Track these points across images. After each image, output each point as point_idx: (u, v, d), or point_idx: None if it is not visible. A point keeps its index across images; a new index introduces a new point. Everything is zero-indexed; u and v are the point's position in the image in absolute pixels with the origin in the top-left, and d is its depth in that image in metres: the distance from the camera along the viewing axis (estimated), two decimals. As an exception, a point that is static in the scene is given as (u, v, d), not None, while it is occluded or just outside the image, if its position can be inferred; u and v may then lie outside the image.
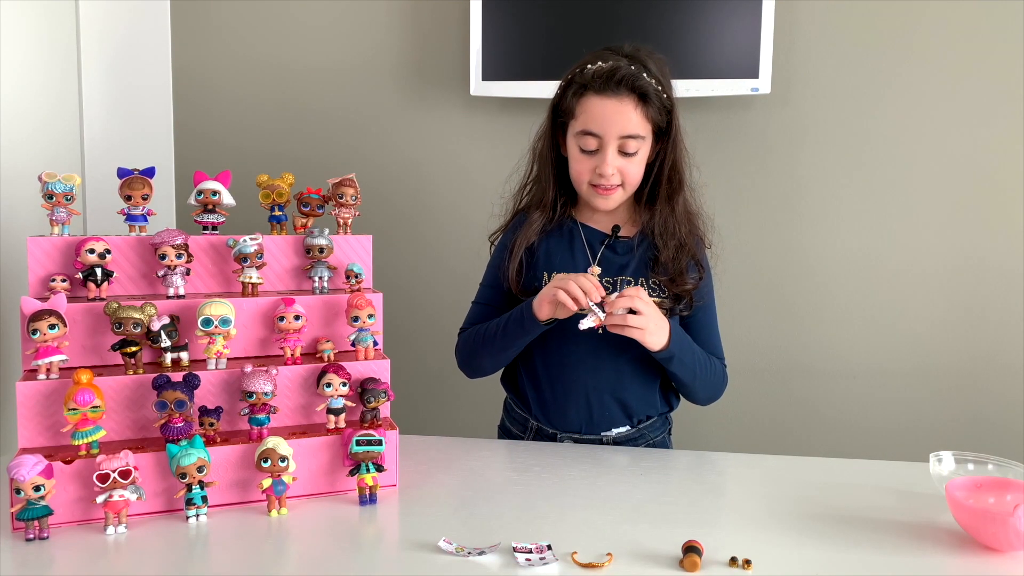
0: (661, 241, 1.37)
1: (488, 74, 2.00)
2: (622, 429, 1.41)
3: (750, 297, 2.10)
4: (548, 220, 1.41)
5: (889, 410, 2.07)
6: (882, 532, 1.04)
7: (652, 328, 1.25)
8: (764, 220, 2.07)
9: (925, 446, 1.34)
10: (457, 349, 1.48)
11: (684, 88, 1.92)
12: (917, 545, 1.00)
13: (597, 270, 1.34)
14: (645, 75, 1.28)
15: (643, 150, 1.33)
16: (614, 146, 1.30)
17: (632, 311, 1.24)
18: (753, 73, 1.90)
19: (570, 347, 1.38)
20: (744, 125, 2.04)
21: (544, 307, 1.28)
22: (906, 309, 2.04)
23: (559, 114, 1.36)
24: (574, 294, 1.23)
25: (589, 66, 1.30)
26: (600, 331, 1.30)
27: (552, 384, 1.41)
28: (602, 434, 1.41)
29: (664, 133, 1.35)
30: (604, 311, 1.24)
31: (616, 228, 1.41)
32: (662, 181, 1.37)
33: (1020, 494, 1.04)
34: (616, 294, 1.25)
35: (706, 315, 1.43)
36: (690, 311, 1.39)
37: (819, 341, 2.08)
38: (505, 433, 1.52)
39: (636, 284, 1.36)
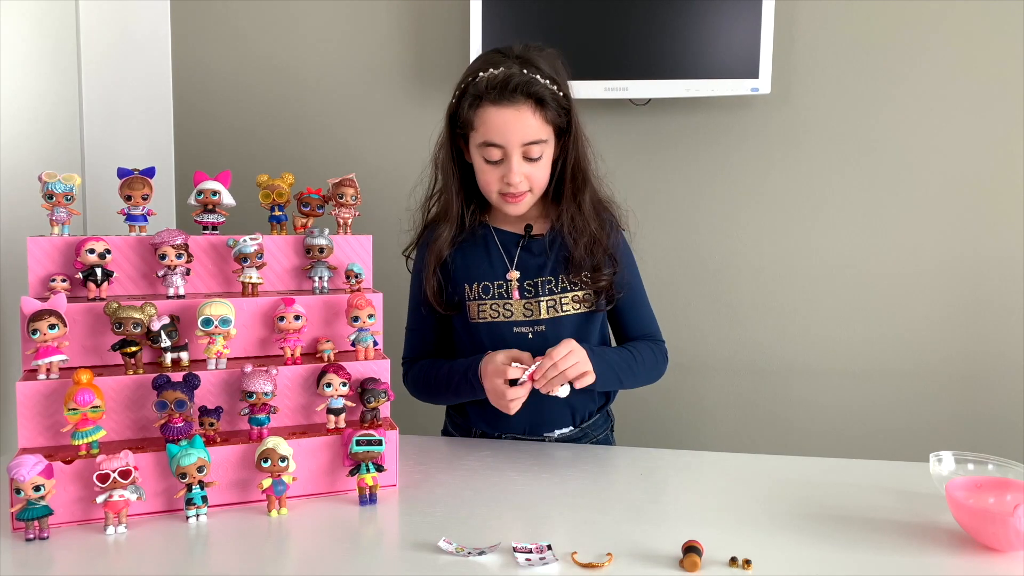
0: (571, 239, 1.35)
1: (488, 74, 2.00)
2: (565, 430, 1.41)
3: (749, 297, 2.10)
4: (458, 231, 1.39)
5: (889, 410, 2.07)
6: (882, 532, 1.04)
7: (583, 368, 1.25)
8: (764, 220, 2.07)
9: (925, 446, 1.34)
10: (407, 382, 1.46)
11: (684, 88, 1.92)
12: (917, 545, 1.00)
13: (515, 275, 1.33)
14: (539, 77, 1.26)
15: (547, 153, 1.31)
16: (518, 154, 1.28)
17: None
18: (753, 73, 1.90)
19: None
20: (744, 125, 2.04)
21: (496, 405, 1.28)
22: (906, 309, 2.04)
23: (457, 125, 1.33)
24: (514, 409, 1.25)
25: (481, 74, 1.27)
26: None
27: None
28: (545, 435, 1.41)
29: (565, 131, 1.33)
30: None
31: (528, 228, 1.39)
32: (566, 180, 1.35)
33: (1020, 494, 1.04)
34: (539, 367, 1.23)
35: (633, 296, 1.42)
36: (612, 303, 1.39)
37: (819, 341, 2.08)
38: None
39: (555, 282, 1.35)
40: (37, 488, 0.99)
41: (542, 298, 1.35)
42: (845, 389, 2.08)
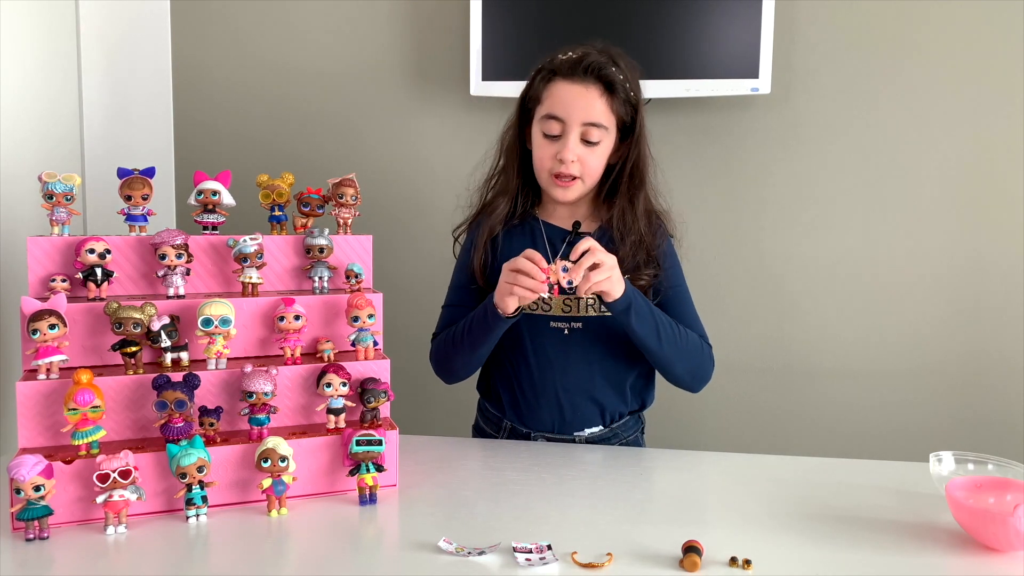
0: (619, 235, 1.35)
1: (488, 74, 2.00)
2: (595, 429, 1.41)
3: (750, 297, 2.10)
4: (512, 211, 1.40)
5: (889, 410, 2.07)
6: (882, 532, 1.04)
7: (616, 277, 1.23)
8: (763, 220, 2.07)
9: (925, 446, 1.34)
10: (431, 356, 1.46)
11: (684, 88, 1.92)
12: (917, 545, 1.00)
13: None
14: (614, 68, 1.29)
15: (605, 142, 1.32)
16: (576, 132, 1.29)
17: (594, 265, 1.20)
18: (753, 73, 1.90)
19: (538, 349, 1.38)
20: (744, 125, 2.04)
21: (506, 302, 1.25)
22: (906, 309, 2.04)
23: (527, 102, 1.36)
24: (528, 286, 1.20)
25: (560, 56, 1.32)
26: (569, 286, 1.23)
27: (523, 386, 1.41)
28: (575, 434, 1.41)
29: (629, 131, 1.35)
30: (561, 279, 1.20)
31: (577, 224, 1.39)
32: (623, 178, 1.36)
33: (1020, 494, 1.04)
34: (569, 262, 1.20)
35: (678, 294, 1.40)
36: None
37: (819, 341, 2.08)
38: (479, 433, 1.52)
39: None
40: (37, 488, 0.99)
41: (583, 296, 1.35)
42: (845, 389, 2.08)
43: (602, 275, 1.20)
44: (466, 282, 1.43)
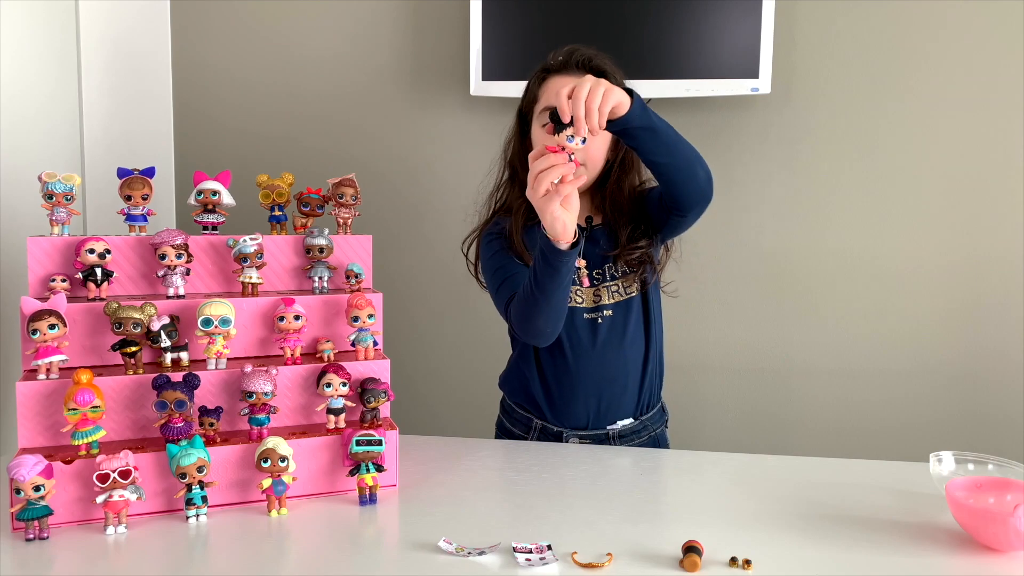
0: (613, 218, 1.40)
1: (488, 74, 2.00)
2: (626, 422, 1.43)
3: (750, 297, 2.10)
4: (530, 214, 1.38)
5: (889, 410, 2.07)
6: (882, 532, 1.04)
7: (606, 86, 1.12)
8: (764, 220, 2.07)
9: (925, 446, 1.34)
10: (514, 326, 1.38)
11: (684, 88, 1.92)
12: (917, 545, 1.00)
13: (582, 263, 1.35)
14: (602, 61, 1.35)
15: (603, 132, 1.29)
16: None
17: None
18: (753, 73, 1.90)
19: (575, 342, 1.39)
20: (744, 125, 2.04)
21: (554, 225, 1.16)
22: (906, 308, 2.04)
23: (525, 108, 1.40)
24: (555, 172, 1.14)
25: (550, 60, 1.38)
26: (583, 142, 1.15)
27: (560, 381, 1.42)
28: (608, 427, 1.42)
29: None
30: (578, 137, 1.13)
31: (589, 219, 1.42)
32: (615, 166, 1.40)
33: (1020, 494, 1.04)
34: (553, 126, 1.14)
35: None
36: (656, 275, 1.42)
37: (819, 341, 2.08)
38: (505, 433, 1.51)
39: (615, 267, 1.40)
40: (37, 488, 0.99)
41: (608, 283, 1.39)
42: (845, 389, 2.08)
43: (596, 98, 1.10)
44: (508, 259, 1.39)
